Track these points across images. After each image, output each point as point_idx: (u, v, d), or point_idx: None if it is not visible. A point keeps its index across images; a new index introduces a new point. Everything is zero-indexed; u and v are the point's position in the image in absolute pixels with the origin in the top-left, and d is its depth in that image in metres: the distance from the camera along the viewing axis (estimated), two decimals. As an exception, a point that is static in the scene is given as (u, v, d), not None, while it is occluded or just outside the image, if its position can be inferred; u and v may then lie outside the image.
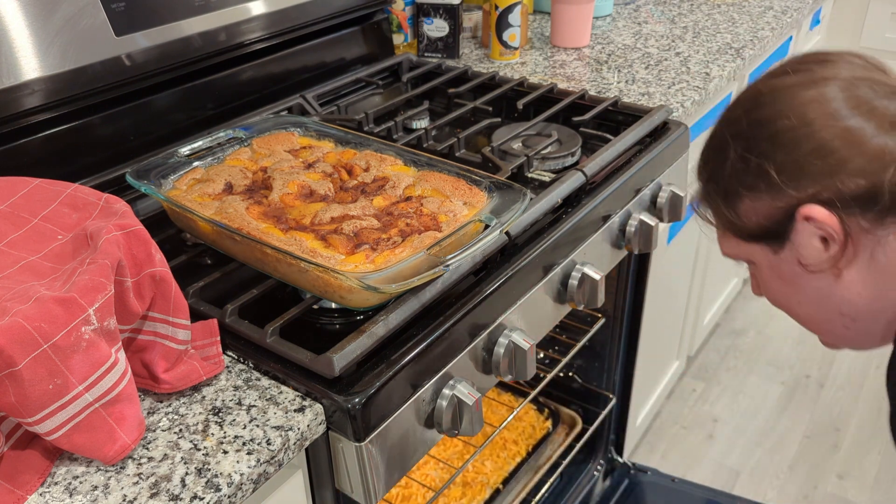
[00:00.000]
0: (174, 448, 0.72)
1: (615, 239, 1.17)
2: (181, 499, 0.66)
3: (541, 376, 1.38)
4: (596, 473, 1.67)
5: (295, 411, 0.75)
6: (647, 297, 1.48)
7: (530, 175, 1.15)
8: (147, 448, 0.72)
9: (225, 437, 0.73)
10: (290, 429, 0.74)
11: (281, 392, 0.78)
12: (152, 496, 0.67)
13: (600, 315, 1.48)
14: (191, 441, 0.73)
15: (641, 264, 1.44)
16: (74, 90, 1.03)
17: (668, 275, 1.62)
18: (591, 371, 1.58)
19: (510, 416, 1.35)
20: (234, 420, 0.75)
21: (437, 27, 1.61)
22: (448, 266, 0.77)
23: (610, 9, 1.95)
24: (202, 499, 0.66)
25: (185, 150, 1.03)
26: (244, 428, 0.74)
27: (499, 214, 0.86)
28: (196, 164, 1.01)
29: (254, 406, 0.76)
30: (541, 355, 1.58)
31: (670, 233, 1.55)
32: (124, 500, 0.66)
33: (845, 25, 2.62)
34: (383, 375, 0.78)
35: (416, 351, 0.81)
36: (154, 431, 0.74)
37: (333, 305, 0.87)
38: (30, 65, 0.97)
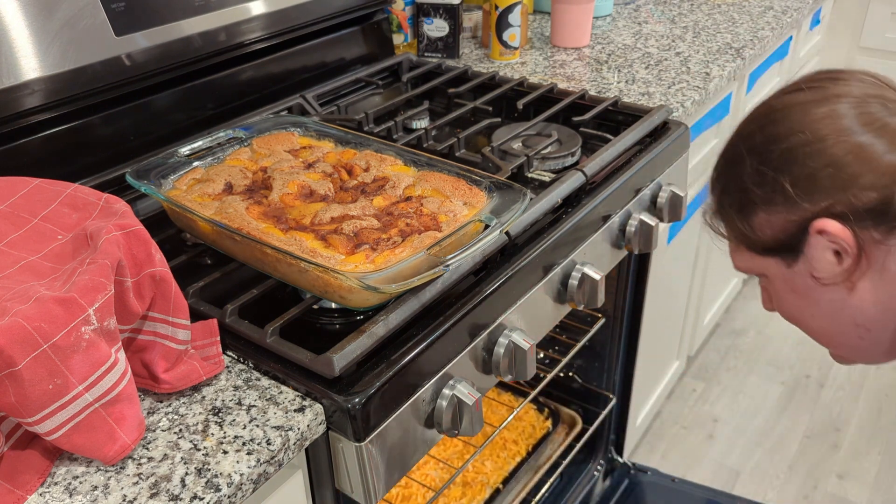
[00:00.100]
0: (174, 448, 0.72)
1: (615, 239, 1.17)
2: (181, 499, 0.66)
3: (541, 376, 1.38)
4: (596, 473, 1.67)
5: (295, 411, 0.75)
6: (647, 297, 1.48)
7: (530, 175, 1.15)
8: (147, 448, 0.72)
9: (225, 437, 0.73)
10: (290, 429, 0.74)
11: (281, 392, 0.78)
12: (152, 496, 0.67)
13: (600, 315, 1.48)
14: (191, 441, 0.73)
15: (641, 264, 1.44)
16: (74, 90, 1.03)
17: (668, 275, 1.62)
18: (591, 371, 1.58)
19: (510, 416, 1.35)
20: (234, 420, 0.75)
21: (437, 27, 1.61)
22: (448, 266, 0.77)
23: (610, 9, 1.95)
24: (202, 499, 0.66)
25: (185, 150, 1.03)
26: (244, 428, 0.74)
27: (499, 214, 0.86)
28: (196, 164, 1.01)
29: (254, 406, 0.76)
30: (541, 355, 1.58)
31: (670, 233, 1.55)
32: (124, 500, 0.66)
33: (845, 25, 2.62)
34: (383, 375, 0.78)
35: (416, 351, 0.81)
36: (154, 431, 0.74)
37: (333, 305, 0.87)
38: (30, 65, 0.97)
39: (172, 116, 1.19)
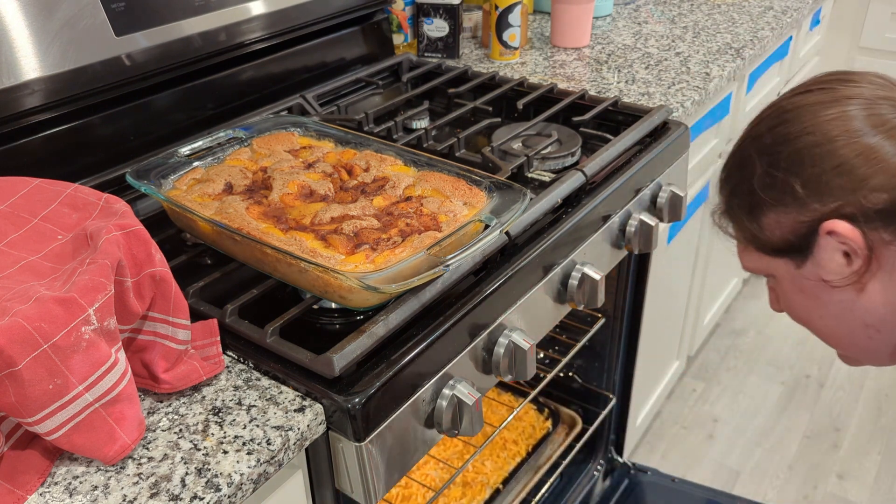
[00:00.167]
0: (174, 448, 0.72)
1: (615, 239, 1.17)
2: (181, 499, 0.66)
3: (541, 376, 1.38)
4: (596, 473, 1.67)
5: (295, 411, 0.75)
6: (647, 297, 1.48)
7: (530, 175, 1.15)
8: (147, 448, 0.72)
9: (225, 437, 0.73)
10: (290, 429, 0.74)
11: (281, 392, 0.78)
12: (152, 496, 0.67)
13: (600, 315, 1.48)
14: (191, 441, 0.73)
15: (641, 264, 1.44)
16: (74, 90, 1.03)
17: (668, 275, 1.62)
18: (591, 371, 1.58)
19: (510, 416, 1.35)
20: (234, 420, 0.75)
21: (437, 27, 1.61)
22: (448, 266, 0.77)
23: (610, 9, 1.95)
24: (202, 499, 0.66)
25: (185, 150, 1.03)
26: (244, 428, 0.74)
27: (499, 214, 0.86)
28: (196, 164, 1.01)
29: (254, 406, 0.76)
30: (541, 355, 1.58)
31: (670, 233, 1.55)
32: (124, 500, 0.67)
33: (845, 25, 2.62)
34: (383, 375, 0.78)
35: (416, 351, 0.81)
36: (154, 431, 0.74)
37: (333, 305, 0.87)
38: (30, 65, 0.97)
39: (172, 116, 1.19)
